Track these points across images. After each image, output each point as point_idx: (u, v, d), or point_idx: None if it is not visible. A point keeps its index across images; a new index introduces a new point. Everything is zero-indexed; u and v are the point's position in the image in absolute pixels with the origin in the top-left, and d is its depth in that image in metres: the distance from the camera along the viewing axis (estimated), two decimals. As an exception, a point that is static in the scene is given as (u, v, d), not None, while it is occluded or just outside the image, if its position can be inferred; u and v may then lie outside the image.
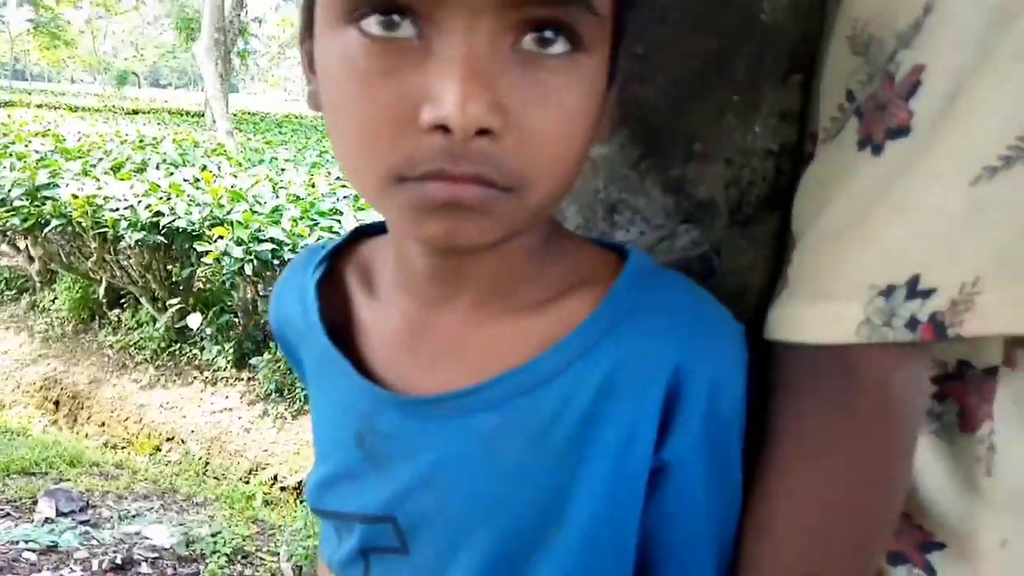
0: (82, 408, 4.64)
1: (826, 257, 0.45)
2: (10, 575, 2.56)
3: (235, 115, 17.52)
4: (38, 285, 5.62)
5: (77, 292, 5.22)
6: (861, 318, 0.43)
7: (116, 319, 5.15)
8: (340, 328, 0.53)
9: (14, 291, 5.74)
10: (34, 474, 3.34)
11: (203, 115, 19.69)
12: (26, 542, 2.76)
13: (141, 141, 8.30)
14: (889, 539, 0.48)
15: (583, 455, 0.44)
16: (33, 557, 2.69)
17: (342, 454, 0.51)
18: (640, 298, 0.46)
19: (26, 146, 6.49)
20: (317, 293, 0.53)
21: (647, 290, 0.46)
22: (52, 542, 2.79)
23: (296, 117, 27.20)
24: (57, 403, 4.69)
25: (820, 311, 0.44)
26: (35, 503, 3.09)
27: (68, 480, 3.35)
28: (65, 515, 3.04)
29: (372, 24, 0.37)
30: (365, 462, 0.49)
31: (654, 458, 0.44)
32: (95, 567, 2.69)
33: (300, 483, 3.89)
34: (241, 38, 19.81)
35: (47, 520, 2.98)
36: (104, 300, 5.22)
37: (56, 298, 5.39)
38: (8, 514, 3.01)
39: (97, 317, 5.25)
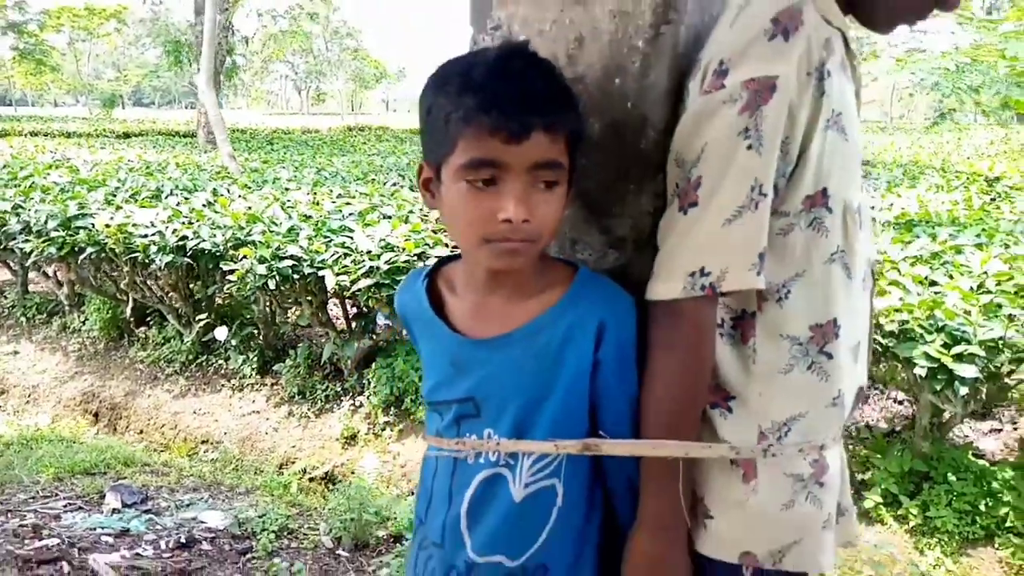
0: (120, 418, 5.07)
1: (667, 260, 0.92)
2: (92, 555, 3.00)
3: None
4: (67, 308, 6.05)
5: (107, 313, 5.65)
6: (681, 287, 0.89)
7: (144, 336, 5.58)
8: (437, 309, 1.00)
9: (44, 315, 6.16)
10: (95, 474, 3.77)
11: (195, 135, 20.09)
12: (102, 528, 3.20)
13: (148, 167, 8.72)
14: (707, 394, 0.94)
15: (560, 360, 0.92)
16: (110, 540, 3.13)
17: (441, 372, 0.98)
18: (583, 290, 0.94)
19: (45, 178, 6.92)
20: (427, 291, 1.00)
21: (586, 285, 0.95)
22: (123, 527, 3.22)
23: (284, 132, 27.58)
24: (96, 415, 5.13)
25: (665, 285, 0.91)
26: (102, 497, 3.53)
27: (125, 478, 3.78)
28: (129, 506, 3.47)
29: (478, 184, 0.86)
30: (455, 373, 0.96)
31: (592, 357, 0.92)
32: (163, 546, 3.13)
33: (327, 473, 4.33)
34: (228, 57, 20.22)
35: (114, 511, 3.42)
36: (132, 319, 5.66)
37: (86, 319, 5.81)
38: (80, 507, 3.45)
39: (126, 335, 5.68)
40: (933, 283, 3.67)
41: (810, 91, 0.86)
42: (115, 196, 6.01)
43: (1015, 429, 4.20)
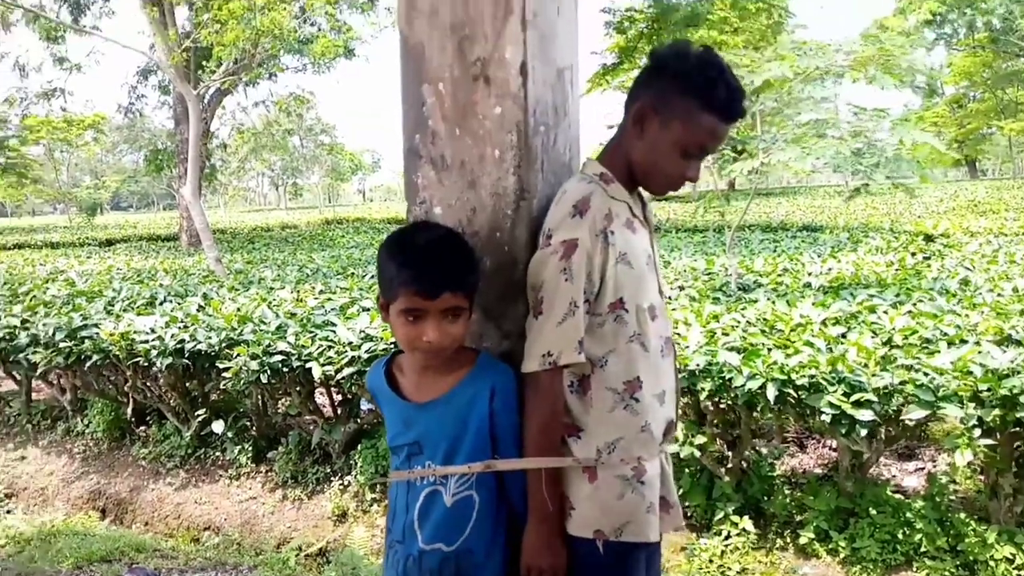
0: (127, 512, 5.44)
1: (529, 348, 1.46)
2: (117, 629, 3.39)
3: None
4: (70, 413, 6.45)
5: (109, 415, 6.06)
6: (537, 364, 1.42)
7: (145, 434, 5.99)
8: (392, 385, 1.52)
9: (49, 421, 6.56)
10: (111, 561, 4.16)
11: (177, 238, 20.73)
12: (121, 606, 3.60)
13: (138, 275, 9.24)
14: (561, 428, 1.46)
15: (469, 414, 1.44)
16: (130, 616, 3.53)
17: (397, 426, 1.49)
18: (481, 369, 1.48)
19: (44, 292, 7.41)
20: (385, 374, 1.53)
21: (483, 365, 1.48)
22: (141, 605, 3.62)
23: (264, 229, 28.30)
24: (104, 510, 5.49)
25: (528, 363, 1.44)
26: (120, 580, 3.92)
27: (137, 563, 4.18)
28: (144, 586, 3.87)
29: (410, 319, 1.41)
30: (405, 427, 1.48)
31: (489, 409, 1.44)
32: (178, 619, 3.53)
33: (321, 549, 4.72)
34: (207, 161, 21.02)
35: (132, 591, 3.82)
36: (133, 419, 6.08)
37: (89, 422, 6.22)
38: (100, 591, 3.84)
39: (128, 435, 6.08)
40: (842, 341, 4.23)
41: (599, 244, 1.42)
42: (113, 305, 6.51)
43: (935, 466, 4.70)
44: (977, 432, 3.50)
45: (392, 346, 4.80)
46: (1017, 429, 3.48)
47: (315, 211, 49.93)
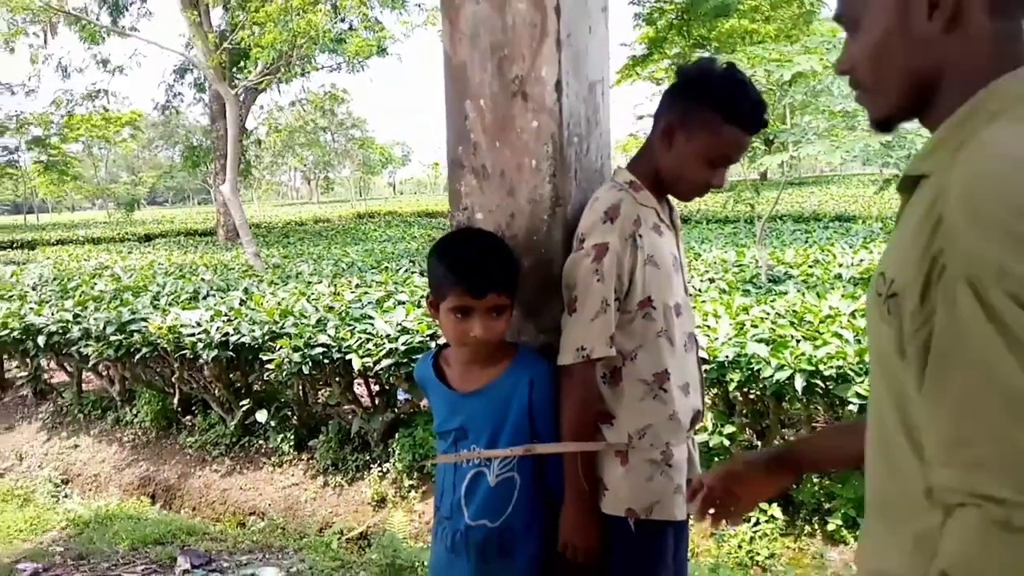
0: (175, 498, 5.69)
1: (564, 342, 1.58)
2: (174, 606, 3.59)
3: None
4: (119, 403, 6.72)
5: (156, 405, 6.31)
6: (572, 358, 1.55)
7: (191, 424, 6.24)
8: (440, 376, 1.66)
9: (99, 411, 6.83)
10: (163, 543, 4.38)
11: (214, 232, 21.17)
12: (177, 586, 3.81)
13: (180, 270, 9.53)
14: (595, 414, 1.59)
15: (509, 403, 1.57)
16: (185, 594, 3.73)
17: (444, 414, 1.63)
18: (521, 361, 1.61)
19: (92, 288, 7.70)
20: (432, 366, 1.67)
21: (523, 358, 1.61)
22: (195, 584, 3.83)
23: (298, 224, 28.72)
24: (153, 496, 5.75)
25: (564, 356, 1.57)
26: (173, 561, 4.13)
27: (189, 545, 4.39)
28: (197, 567, 4.07)
29: (458, 315, 1.55)
30: (451, 414, 1.62)
31: (528, 399, 1.57)
32: (230, 597, 3.72)
33: (362, 533, 4.91)
34: (242, 157, 21.40)
35: (185, 571, 4.02)
36: (179, 409, 6.33)
37: (137, 412, 6.48)
38: (155, 571, 4.05)
39: (175, 424, 6.33)
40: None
41: (628, 247, 1.55)
42: (159, 300, 6.76)
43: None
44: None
45: (428, 338, 4.97)
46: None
47: (347, 204, 50.46)
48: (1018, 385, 0.75)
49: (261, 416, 5.58)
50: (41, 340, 6.28)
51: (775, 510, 4.11)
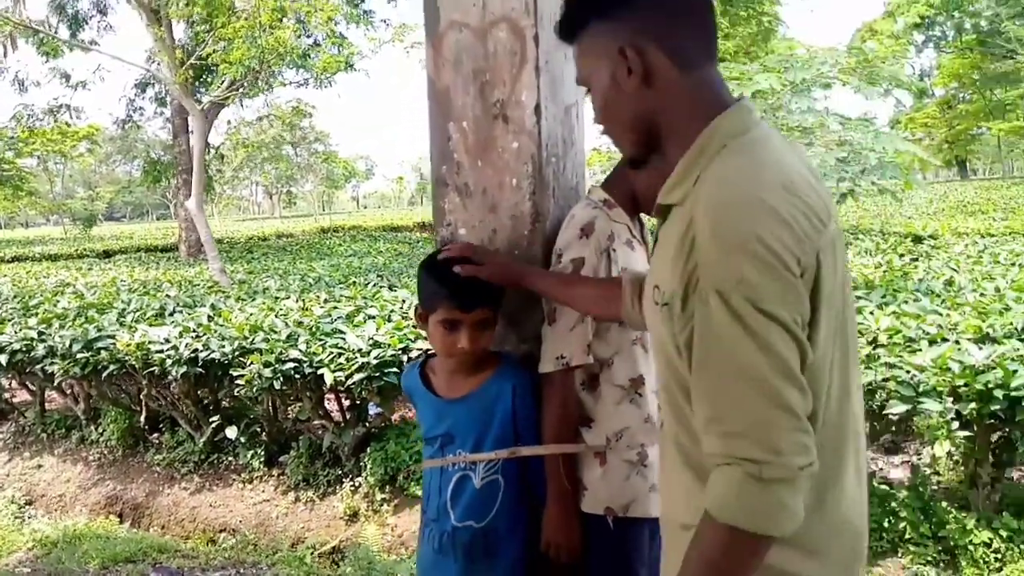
0: (143, 516, 5.63)
1: (544, 351, 1.67)
2: (148, 623, 3.58)
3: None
4: (84, 422, 6.64)
5: (123, 423, 6.25)
6: (552, 366, 1.64)
7: (158, 441, 6.18)
8: (427, 384, 1.74)
9: (63, 430, 6.74)
10: (135, 561, 4.35)
11: (175, 248, 20.91)
12: (150, 603, 3.79)
13: (144, 287, 9.43)
14: (575, 419, 1.68)
15: (493, 409, 1.65)
16: (159, 611, 3.72)
17: (431, 420, 1.71)
18: (504, 370, 1.69)
19: (54, 305, 7.60)
20: (419, 375, 1.75)
21: (506, 367, 1.70)
22: (168, 601, 3.82)
23: (261, 239, 28.47)
24: (121, 515, 5.68)
25: (544, 364, 1.66)
26: (146, 578, 4.12)
27: (161, 563, 4.37)
28: (169, 584, 4.07)
29: (446, 327, 1.63)
30: (437, 420, 1.69)
31: (511, 405, 1.65)
32: (204, 613, 3.72)
33: (334, 548, 4.92)
34: (205, 173, 21.19)
35: (158, 589, 4.02)
36: (146, 427, 6.27)
37: (103, 431, 6.40)
38: (127, 589, 4.03)
39: (141, 442, 6.27)
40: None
41: (603, 261, 1.65)
42: (124, 317, 6.70)
43: (919, 459, 4.93)
44: (955, 425, 3.74)
45: (400, 352, 5.02)
46: (993, 422, 3.71)
47: (310, 219, 50.14)
48: (758, 368, 0.97)
49: (231, 432, 5.56)
50: (3, 359, 6.18)
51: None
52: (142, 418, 6.20)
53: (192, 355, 5.43)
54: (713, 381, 1.02)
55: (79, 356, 5.72)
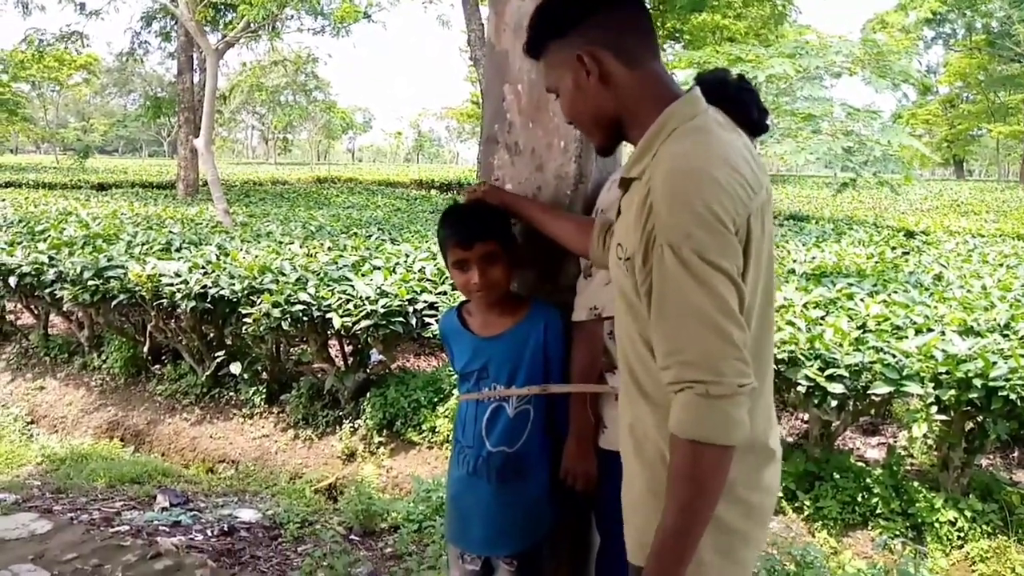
0: (144, 443, 5.81)
1: (579, 301, 1.82)
2: (156, 538, 3.76)
3: (203, 185, 18.69)
4: (86, 348, 6.78)
5: (127, 352, 6.40)
6: (585, 315, 1.80)
7: (161, 372, 6.34)
8: (464, 325, 1.90)
9: (66, 355, 6.88)
10: (140, 482, 4.53)
11: (173, 186, 20.82)
12: (158, 521, 3.98)
13: (148, 221, 9.51)
14: (600, 365, 1.85)
15: (526, 346, 1.82)
16: (166, 529, 3.90)
17: (467, 357, 1.87)
18: (536, 311, 1.86)
19: (60, 233, 7.68)
20: (458, 316, 1.91)
21: (538, 308, 1.86)
22: (175, 521, 3.99)
23: (256, 183, 28.33)
24: (123, 439, 5.86)
25: (578, 313, 1.81)
26: (151, 499, 4.29)
27: (165, 486, 4.55)
28: (175, 506, 4.24)
29: (458, 268, 1.80)
30: (473, 357, 1.85)
31: (544, 343, 1.82)
32: (209, 534, 3.90)
33: (331, 485, 5.12)
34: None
35: (164, 509, 4.19)
36: (149, 357, 6.42)
37: (106, 358, 6.55)
38: (135, 507, 4.21)
39: (144, 372, 6.43)
40: (820, 323, 4.65)
41: None
42: (132, 249, 6.80)
43: (895, 441, 5.16)
44: (934, 409, 3.95)
45: (406, 303, 5.17)
46: (969, 409, 3.92)
47: (305, 168, 49.76)
48: (703, 307, 1.19)
49: (235, 368, 5.72)
50: (12, 281, 6.29)
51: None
52: (146, 348, 6.35)
53: (202, 291, 5.56)
54: (668, 320, 1.23)
55: (90, 283, 5.84)
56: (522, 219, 1.85)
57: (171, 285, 5.61)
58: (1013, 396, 3.71)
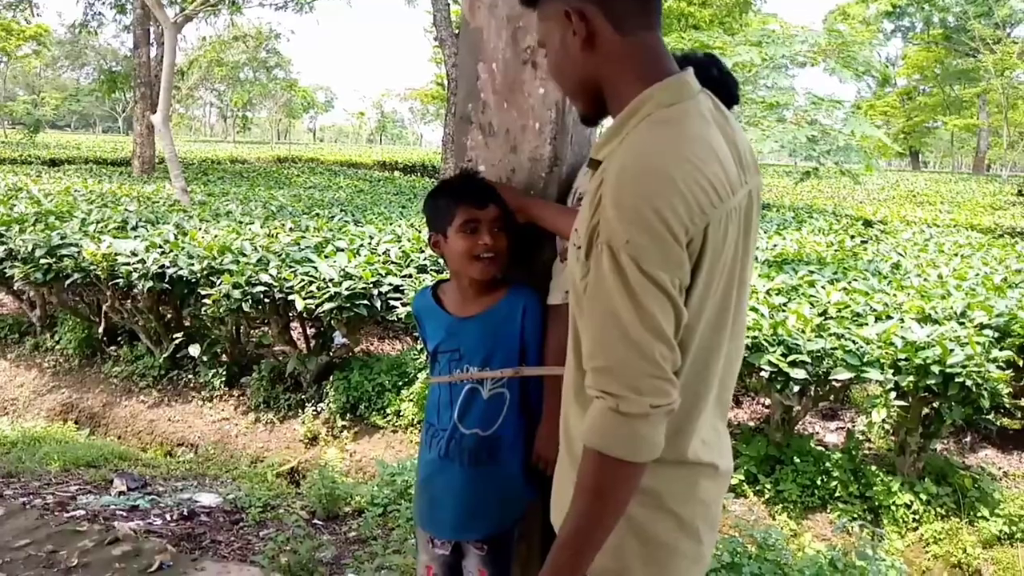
0: (99, 426, 5.68)
1: (554, 284, 1.80)
2: (114, 522, 3.68)
3: (160, 163, 18.27)
4: (38, 329, 6.59)
5: (81, 332, 6.23)
6: (561, 298, 1.78)
7: (116, 354, 6.19)
8: (439, 303, 1.86)
9: (16, 335, 6.68)
10: (96, 466, 4.42)
11: (128, 163, 20.31)
12: (114, 506, 3.89)
13: (103, 199, 9.25)
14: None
15: (502, 328, 1.78)
16: (124, 514, 3.81)
17: (441, 337, 1.84)
18: (514, 293, 1.82)
19: (10, 209, 7.42)
20: (432, 295, 1.87)
21: (516, 290, 1.82)
22: (132, 505, 3.91)
23: (214, 162, 27.76)
24: (77, 422, 5.72)
25: (554, 295, 1.79)
26: (107, 483, 4.19)
27: (122, 470, 4.45)
28: (133, 490, 4.15)
29: (468, 231, 1.74)
30: (448, 337, 1.82)
31: (520, 326, 1.79)
32: (168, 518, 3.83)
33: (293, 468, 5.06)
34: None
35: (121, 493, 4.10)
36: (104, 338, 6.27)
37: (59, 339, 6.38)
38: (91, 491, 4.11)
39: (99, 353, 6.27)
40: (783, 310, 4.70)
41: None
42: (87, 227, 6.61)
43: (854, 426, 5.26)
44: (893, 395, 4.03)
45: (371, 285, 5.10)
46: (926, 395, 4.00)
47: (265, 147, 48.95)
48: (629, 319, 1.11)
49: (194, 350, 5.61)
50: (-41, 258, 6.07)
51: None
52: (101, 329, 6.19)
53: (160, 270, 5.43)
54: (595, 322, 1.16)
55: (42, 262, 5.67)
56: (542, 223, 1.78)
57: (127, 264, 5.47)
58: (969, 382, 3.80)
